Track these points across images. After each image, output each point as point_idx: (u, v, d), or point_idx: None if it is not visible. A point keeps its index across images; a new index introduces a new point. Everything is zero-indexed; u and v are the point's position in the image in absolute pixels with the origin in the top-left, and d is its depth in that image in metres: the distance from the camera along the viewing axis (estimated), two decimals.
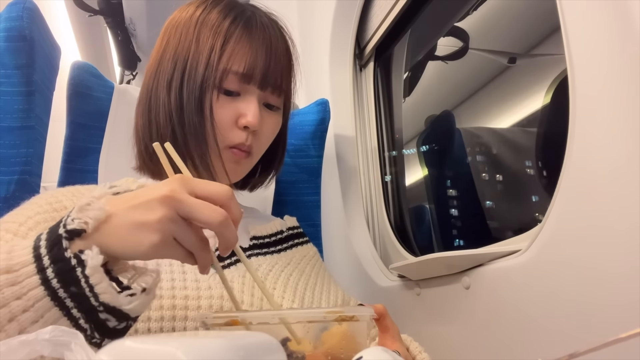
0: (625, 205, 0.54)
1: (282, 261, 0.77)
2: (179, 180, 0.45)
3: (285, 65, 0.77)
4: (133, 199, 0.44)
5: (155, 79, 0.75)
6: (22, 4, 0.84)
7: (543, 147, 1.09)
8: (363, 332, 0.51)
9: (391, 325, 0.63)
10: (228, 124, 0.73)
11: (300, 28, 1.46)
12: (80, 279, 0.42)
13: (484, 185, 1.29)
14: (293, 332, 0.50)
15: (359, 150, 1.28)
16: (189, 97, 0.71)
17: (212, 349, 0.33)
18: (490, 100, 1.49)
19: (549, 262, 0.64)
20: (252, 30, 0.73)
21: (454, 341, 0.84)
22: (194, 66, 0.72)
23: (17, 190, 0.81)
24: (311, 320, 0.50)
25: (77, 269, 0.42)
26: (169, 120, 0.72)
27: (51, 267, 0.42)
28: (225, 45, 0.71)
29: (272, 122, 0.78)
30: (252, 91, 0.73)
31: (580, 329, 0.60)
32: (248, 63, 0.72)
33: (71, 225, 0.43)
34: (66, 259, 0.42)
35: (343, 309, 0.50)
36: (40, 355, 0.37)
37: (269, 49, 0.74)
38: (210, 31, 0.72)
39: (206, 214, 0.44)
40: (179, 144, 0.72)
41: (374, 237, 1.24)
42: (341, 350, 0.49)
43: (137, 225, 0.43)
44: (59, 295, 0.42)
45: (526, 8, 1.36)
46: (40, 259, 0.42)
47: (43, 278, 0.41)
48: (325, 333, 0.50)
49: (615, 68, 0.56)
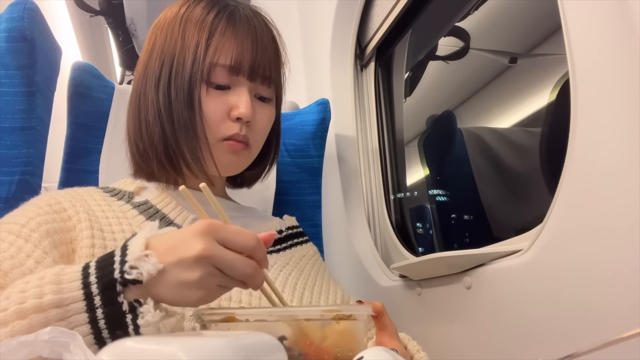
0: (626, 205, 0.54)
1: (281, 261, 0.77)
2: (209, 231, 0.46)
3: (272, 55, 0.77)
4: (173, 250, 0.46)
5: (144, 81, 0.75)
6: (23, 5, 0.84)
7: (544, 147, 1.09)
8: (360, 331, 0.51)
9: (389, 323, 0.63)
10: (220, 117, 0.72)
11: (301, 28, 1.46)
12: (129, 325, 0.44)
13: (485, 185, 1.28)
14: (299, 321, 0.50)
15: (360, 150, 1.28)
16: (177, 93, 0.71)
17: (213, 349, 0.33)
18: (492, 100, 1.49)
19: (550, 262, 0.64)
20: (236, 22, 0.74)
21: (455, 341, 0.83)
22: (180, 63, 0.72)
23: (18, 190, 0.81)
24: (308, 319, 0.50)
25: (128, 315, 0.44)
26: (158, 118, 0.72)
27: (102, 308, 0.43)
28: (211, 39, 0.72)
29: (265, 113, 0.77)
30: (241, 82, 0.73)
31: (581, 329, 0.60)
32: (235, 55, 0.72)
33: (129, 275, 0.44)
34: (118, 304, 0.44)
35: (340, 308, 0.50)
36: (39, 356, 0.37)
37: (255, 39, 0.74)
38: (194, 27, 0.73)
39: (240, 270, 0.47)
40: (168, 141, 0.71)
41: (375, 237, 1.24)
42: (338, 349, 0.49)
43: (183, 285, 0.45)
44: (102, 335, 0.43)
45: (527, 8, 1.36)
46: (91, 298, 0.43)
47: (92, 318, 0.43)
48: (327, 328, 0.50)
49: (616, 68, 0.56)
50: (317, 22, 1.38)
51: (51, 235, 0.60)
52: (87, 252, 0.62)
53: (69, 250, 0.62)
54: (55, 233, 0.61)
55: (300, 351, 0.49)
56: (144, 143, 0.74)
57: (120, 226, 0.68)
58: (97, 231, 0.64)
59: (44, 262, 0.56)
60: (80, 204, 0.67)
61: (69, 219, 0.65)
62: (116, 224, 0.68)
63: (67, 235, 0.63)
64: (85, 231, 0.64)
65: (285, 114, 1.15)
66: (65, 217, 0.65)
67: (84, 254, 0.61)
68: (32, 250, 0.56)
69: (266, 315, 0.50)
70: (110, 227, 0.67)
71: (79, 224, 0.64)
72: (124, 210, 0.71)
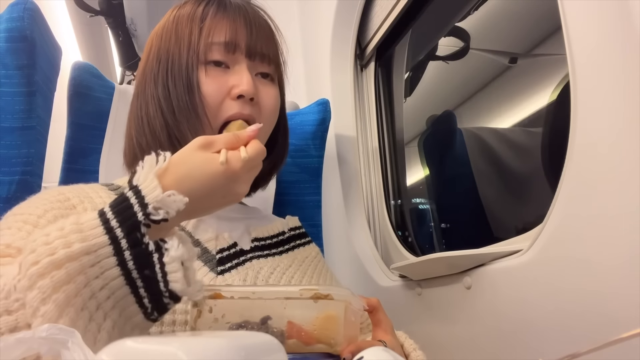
0: (626, 205, 0.54)
1: (284, 263, 0.77)
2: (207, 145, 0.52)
3: (268, 34, 0.76)
4: (188, 177, 0.50)
5: (142, 81, 0.76)
6: (23, 5, 0.84)
7: (544, 146, 1.09)
8: (340, 313, 0.53)
9: (384, 318, 0.64)
10: (221, 97, 0.71)
11: (301, 28, 1.46)
12: (155, 264, 0.46)
13: (485, 185, 1.29)
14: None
15: (360, 150, 1.28)
16: (175, 81, 0.71)
17: (213, 349, 0.33)
18: (491, 100, 1.49)
19: (550, 262, 0.64)
20: (227, 7, 0.74)
21: (456, 341, 0.83)
22: (176, 54, 0.72)
23: (18, 190, 0.81)
24: (288, 297, 0.54)
25: (155, 254, 0.46)
26: (158, 109, 0.72)
27: (129, 250, 0.45)
28: (202, 24, 0.72)
29: (270, 91, 0.76)
30: (240, 60, 0.73)
31: (581, 329, 0.60)
32: (229, 32, 0.72)
33: (156, 216, 0.47)
34: (145, 244, 0.46)
35: (318, 287, 0.53)
36: (37, 353, 0.37)
37: (247, 18, 0.74)
38: (186, 21, 0.73)
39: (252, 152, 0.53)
40: (171, 129, 0.71)
41: (375, 237, 1.24)
42: (314, 327, 0.53)
43: (228, 201, 0.53)
44: (132, 275, 0.46)
45: (527, 8, 1.36)
46: (117, 242, 0.45)
47: (120, 260, 0.45)
48: (315, 316, 0.53)
49: (616, 67, 0.56)
50: (317, 22, 1.38)
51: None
52: None
53: None
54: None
55: (282, 329, 0.53)
56: (146, 138, 0.73)
57: None
58: None
59: None
60: (87, 200, 0.67)
61: (74, 207, 0.64)
62: None
63: None
64: None
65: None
66: (70, 205, 0.64)
67: None
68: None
69: (249, 294, 0.54)
70: None
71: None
72: None
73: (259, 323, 0.53)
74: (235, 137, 0.54)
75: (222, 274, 0.69)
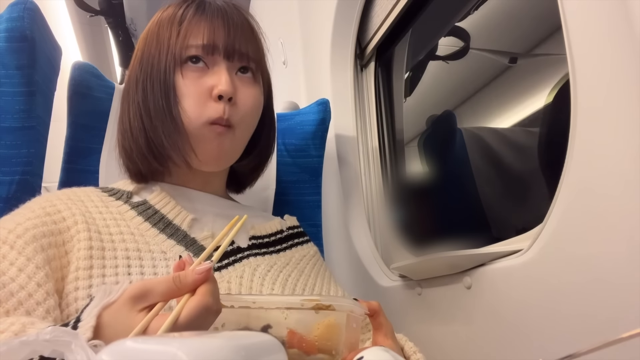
0: (627, 205, 0.54)
1: (281, 261, 0.77)
2: (138, 296, 0.46)
3: (247, 33, 0.76)
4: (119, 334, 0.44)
5: (127, 86, 0.76)
6: (23, 5, 0.84)
7: (544, 146, 1.09)
8: (342, 323, 0.53)
9: (385, 322, 0.63)
10: (201, 99, 0.71)
11: (301, 28, 1.46)
12: None
13: (485, 185, 1.29)
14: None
15: (360, 150, 1.28)
16: (153, 85, 0.71)
17: (213, 349, 0.33)
18: (491, 100, 1.49)
19: (551, 262, 0.64)
20: (206, 9, 0.74)
21: (456, 341, 0.83)
22: (156, 57, 0.72)
23: (19, 190, 0.81)
24: (289, 307, 0.52)
25: None
26: (137, 113, 0.72)
27: None
28: (180, 27, 0.72)
29: (249, 91, 0.75)
30: (219, 61, 0.72)
31: (581, 329, 0.60)
32: (207, 34, 0.72)
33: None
34: None
35: (320, 298, 0.52)
36: (40, 355, 0.37)
37: (226, 19, 0.73)
38: (167, 23, 0.74)
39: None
40: (148, 133, 0.71)
41: (375, 237, 1.24)
42: (315, 336, 0.52)
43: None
44: None
45: (527, 8, 1.36)
46: None
47: None
48: (309, 319, 0.53)
49: (616, 67, 0.56)
50: (317, 22, 1.38)
51: (38, 240, 0.60)
52: (84, 253, 0.62)
53: (60, 252, 0.62)
54: (43, 237, 0.61)
55: (283, 338, 0.52)
56: (129, 142, 0.74)
57: (118, 228, 0.68)
58: (94, 233, 0.64)
59: (26, 270, 0.56)
60: (76, 206, 0.67)
61: (63, 220, 0.65)
62: (114, 226, 0.68)
63: (58, 238, 0.62)
64: (82, 233, 0.64)
65: (285, 114, 1.15)
66: (59, 218, 0.64)
67: (82, 255, 0.61)
68: (16, 258, 0.56)
69: (250, 303, 0.53)
70: (108, 229, 0.67)
71: (75, 225, 0.64)
72: (122, 211, 0.71)
73: (259, 332, 0.52)
74: (177, 282, 0.47)
75: (219, 270, 0.69)
